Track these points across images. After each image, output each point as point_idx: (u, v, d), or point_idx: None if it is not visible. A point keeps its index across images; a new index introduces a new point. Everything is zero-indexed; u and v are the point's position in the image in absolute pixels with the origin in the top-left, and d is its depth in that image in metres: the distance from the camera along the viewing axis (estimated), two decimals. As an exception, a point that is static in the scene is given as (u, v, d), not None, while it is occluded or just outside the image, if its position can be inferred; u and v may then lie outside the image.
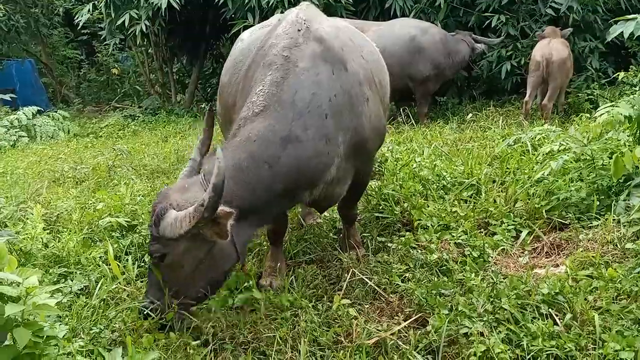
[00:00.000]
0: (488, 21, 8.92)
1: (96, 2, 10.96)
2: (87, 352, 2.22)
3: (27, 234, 3.10)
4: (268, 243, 3.50)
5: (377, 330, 2.65)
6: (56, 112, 11.02)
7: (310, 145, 2.63)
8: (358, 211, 3.63)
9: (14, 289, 1.92)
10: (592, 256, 3.15)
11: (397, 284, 3.09)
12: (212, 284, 2.65)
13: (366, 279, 3.14)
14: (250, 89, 2.75)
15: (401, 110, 8.46)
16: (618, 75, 5.30)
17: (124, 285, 3.11)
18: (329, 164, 2.77)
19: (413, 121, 7.94)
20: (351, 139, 2.84)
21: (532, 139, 5.35)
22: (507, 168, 4.78)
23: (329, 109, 2.69)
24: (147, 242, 2.80)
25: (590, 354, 2.36)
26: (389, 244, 3.68)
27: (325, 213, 4.39)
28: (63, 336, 2.08)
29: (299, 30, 2.82)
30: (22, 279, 1.97)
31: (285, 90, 2.61)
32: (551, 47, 7.38)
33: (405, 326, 2.69)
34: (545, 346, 2.39)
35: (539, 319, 2.59)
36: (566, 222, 3.80)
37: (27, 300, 1.93)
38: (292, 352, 2.50)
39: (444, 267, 3.28)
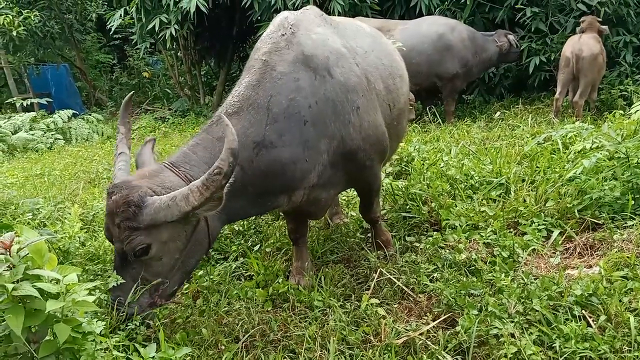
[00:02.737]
0: (515, 17, 8.76)
1: (127, 8, 11.25)
2: (123, 348, 2.29)
3: (65, 233, 3.22)
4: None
5: (406, 330, 2.65)
6: (90, 115, 11.38)
7: (285, 151, 2.58)
8: (379, 213, 3.60)
9: (54, 285, 2.01)
10: (627, 257, 3.07)
11: (426, 284, 3.08)
12: (186, 275, 2.61)
13: (394, 279, 3.15)
14: None
15: (427, 109, 8.40)
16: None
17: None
18: (308, 170, 2.70)
19: (440, 120, 7.89)
20: (337, 147, 2.77)
21: (563, 136, 5.24)
22: (537, 167, 4.70)
23: (309, 116, 2.62)
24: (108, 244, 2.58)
25: (625, 356, 2.31)
26: (417, 244, 3.67)
27: (352, 213, 4.42)
28: (100, 332, 2.15)
29: (282, 35, 2.77)
30: (62, 277, 2.06)
31: (261, 94, 2.57)
32: (582, 42, 7.20)
33: (434, 326, 2.68)
34: (578, 348, 2.35)
35: (571, 321, 2.55)
36: (599, 222, 3.71)
37: (66, 297, 2.01)
38: (321, 351, 2.52)
39: (473, 267, 3.25)
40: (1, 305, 1.91)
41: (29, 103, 11.92)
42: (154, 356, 2.18)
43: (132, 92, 2.96)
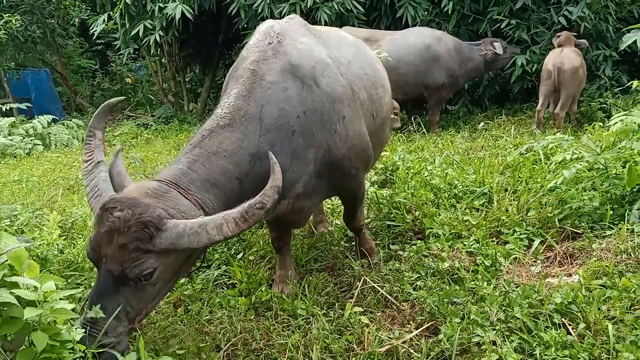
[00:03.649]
0: (500, 28, 8.91)
1: (111, 13, 11.16)
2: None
3: (43, 240, 3.15)
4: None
5: (389, 338, 2.65)
6: (71, 120, 11.21)
7: (279, 161, 2.55)
8: (363, 222, 3.61)
9: (32, 293, 1.96)
10: (606, 265, 3.12)
11: (409, 292, 3.09)
12: (165, 295, 2.45)
13: (378, 287, 3.15)
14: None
15: (412, 118, 8.48)
16: (632, 83, 5.26)
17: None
18: (295, 180, 2.68)
19: (424, 130, 7.96)
20: (323, 156, 2.77)
21: (545, 147, 5.33)
22: (519, 177, 4.77)
23: (297, 126, 2.61)
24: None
25: (604, 364, 2.34)
26: (401, 252, 3.68)
27: (337, 221, 4.42)
28: (79, 340, 2.09)
29: (269, 44, 2.74)
30: (40, 284, 2.01)
31: (252, 104, 2.52)
32: (563, 55, 7.37)
33: (416, 334, 2.69)
34: (558, 355, 2.39)
35: (552, 328, 2.58)
36: (579, 231, 3.78)
37: (44, 304, 1.96)
38: (303, 359, 2.50)
39: (456, 276, 3.28)
40: (-25, 313, 1.86)
41: (8, 108, 11.66)
42: (133, 366, 2.13)
43: (121, 98, 2.84)
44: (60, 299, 2.02)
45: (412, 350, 2.55)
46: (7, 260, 1.98)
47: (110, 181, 2.38)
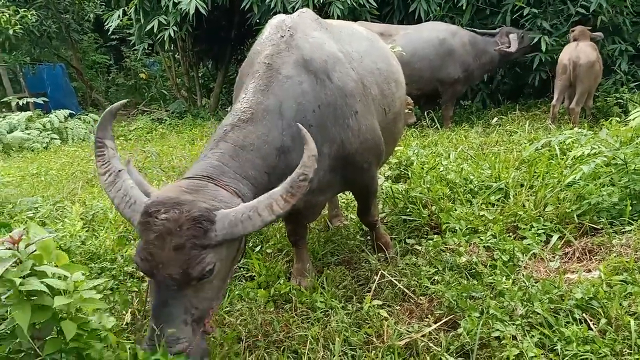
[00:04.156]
0: (517, 20, 8.82)
1: (126, 9, 11.24)
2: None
3: (66, 231, 3.20)
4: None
5: (408, 331, 2.67)
6: (87, 115, 11.32)
7: (297, 156, 2.53)
8: (378, 216, 3.61)
9: (61, 282, 2.00)
10: (626, 261, 3.10)
11: (427, 286, 3.10)
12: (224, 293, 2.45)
13: (395, 281, 3.16)
14: (239, 95, 2.64)
15: (425, 113, 8.45)
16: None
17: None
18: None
19: (438, 125, 7.93)
20: (337, 151, 2.77)
21: (561, 142, 5.29)
22: (536, 172, 4.74)
23: (313, 120, 2.60)
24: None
25: (625, 359, 2.33)
26: (417, 247, 3.69)
27: (352, 215, 4.44)
28: (110, 328, 2.13)
29: (282, 37, 2.73)
30: (70, 274, 2.05)
31: (271, 98, 2.51)
32: (579, 50, 7.28)
33: (435, 328, 2.69)
34: (579, 351, 2.38)
35: (572, 324, 2.57)
36: (598, 227, 3.75)
37: (73, 294, 2.00)
38: (324, 351, 2.53)
39: (473, 271, 3.27)
40: (7, 301, 1.90)
41: (24, 102, 11.85)
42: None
43: (124, 101, 2.63)
44: (88, 288, 2.06)
45: (431, 344, 2.56)
46: (36, 250, 2.03)
47: None
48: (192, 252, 1.97)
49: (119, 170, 2.20)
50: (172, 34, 10.40)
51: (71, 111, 11.08)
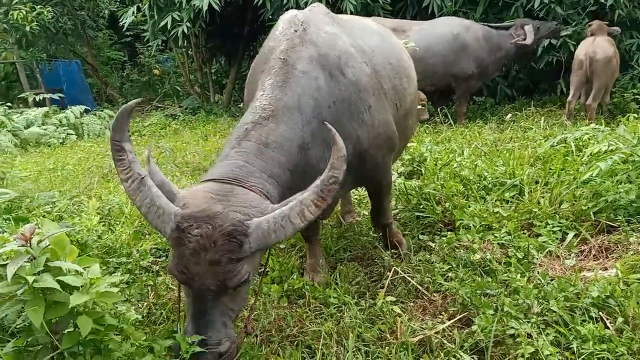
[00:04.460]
0: (530, 11, 8.72)
1: (140, 5, 11.31)
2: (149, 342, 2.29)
3: (83, 225, 3.25)
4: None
5: (421, 328, 2.66)
6: (102, 111, 11.44)
7: (315, 152, 2.53)
8: (391, 218, 3.57)
9: (77, 278, 2.02)
10: (644, 260, 3.06)
11: (440, 283, 3.09)
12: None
13: (408, 278, 3.15)
14: (255, 92, 2.61)
15: (439, 109, 8.40)
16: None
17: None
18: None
19: (451, 121, 7.88)
20: (353, 148, 2.72)
21: (577, 139, 5.22)
22: (551, 169, 4.69)
23: (329, 116, 2.56)
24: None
25: (643, 358, 2.30)
26: (431, 243, 3.68)
27: (364, 211, 4.43)
28: (132, 321, 2.16)
29: (295, 31, 2.70)
30: (84, 269, 2.08)
31: (290, 94, 2.48)
32: (595, 45, 7.17)
33: (449, 325, 2.68)
34: (595, 349, 2.35)
35: (589, 322, 2.55)
36: (615, 224, 3.70)
37: (90, 289, 2.02)
38: (337, 347, 2.53)
39: (488, 268, 3.25)
40: (22, 297, 1.92)
41: (41, 98, 12.01)
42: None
43: (137, 100, 2.50)
44: (105, 283, 2.08)
45: (445, 341, 2.55)
46: (49, 245, 2.04)
47: None
48: (228, 266, 1.97)
49: (142, 177, 2.09)
50: (186, 30, 10.47)
51: (86, 107, 11.20)
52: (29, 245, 1.97)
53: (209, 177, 2.22)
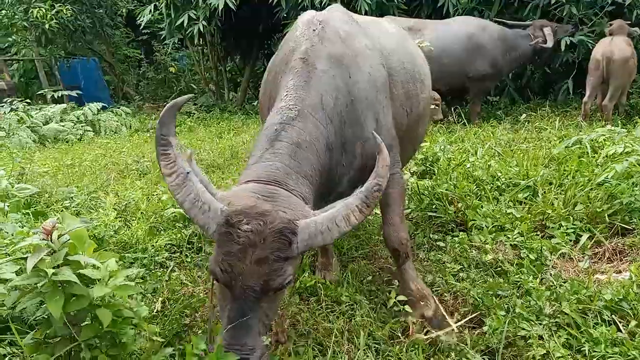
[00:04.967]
0: (547, 12, 8.64)
1: (157, 4, 11.44)
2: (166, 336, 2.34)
3: (101, 221, 3.32)
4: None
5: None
6: (119, 108, 11.60)
7: (336, 155, 2.49)
8: (408, 240, 2.91)
9: (95, 271, 2.07)
10: (659, 263, 3.03)
11: (452, 284, 3.09)
12: None
13: (420, 277, 3.16)
14: (277, 95, 2.57)
15: (452, 109, 8.36)
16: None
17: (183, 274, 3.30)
18: (343, 175, 2.60)
19: (465, 121, 7.84)
20: (369, 149, 2.61)
21: (593, 140, 5.17)
22: (565, 170, 4.65)
23: (347, 116, 2.54)
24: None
25: (655, 362, 2.29)
26: (442, 244, 3.68)
27: (376, 210, 4.44)
28: (143, 317, 2.20)
29: (314, 31, 2.68)
30: (103, 263, 2.13)
31: (312, 93, 2.45)
32: (613, 45, 7.09)
33: (460, 325, 2.69)
34: (607, 352, 2.35)
35: (601, 325, 2.54)
36: (630, 227, 3.67)
37: (108, 282, 2.07)
38: (348, 345, 2.56)
39: (499, 269, 3.25)
40: (42, 289, 1.98)
41: (59, 95, 12.21)
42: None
43: (189, 96, 2.44)
44: (122, 276, 2.13)
45: (456, 341, 2.56)
46: (69, 239, 2.10)
47: None
48: (274, 264, 1.94)
49: (187, 173, 2.04)
50: (201, 29, 10.57)
51: (104, 104, 11.36)
52: (49, 239, 2.03)
53: (247, 178, 2.18)
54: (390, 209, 2.92)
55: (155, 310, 2.75)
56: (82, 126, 9.93)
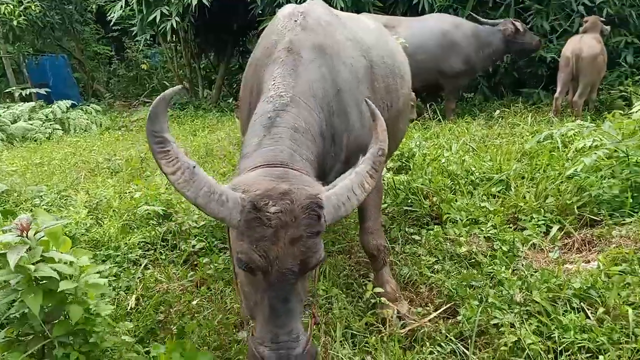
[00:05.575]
0: (519, 14, 8.82)
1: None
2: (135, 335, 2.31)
3: (72, 219, 3.24)
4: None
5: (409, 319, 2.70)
6: (89, 106, 11.35)
7: (327, 143, 2.45)
8: (385, 243, 2.99)
9: (69, 268, 2.04)
10: (626, 252, 3.12)
11: (427, 276, 3.13)
12: None
13: (396, 270, 3.19)
14: (261, 87, 2.51)
15: (428, 106, 8.45)
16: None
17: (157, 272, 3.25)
18: (332, 167, 2.57)
19: (440, 117, 7.93)
20: (354, 141, 2.63)
21: (563, 135, 5.29)
22: (537, 164, 4.75)
23: (335, 106, 2.51)
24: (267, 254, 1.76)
25: (623, 347, 2.36)
26: (418, 237, 3.72)
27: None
28: (108, 315, 2.17)
29: (295, 21, 2.65)
30: (76, 259, 2.09)
31: (301, 81, 2.40)
32: (582, 42, 7.25)
33: (435, 316, 2.73)
34: (577, 339, 2.41)
35: (570, 312, 2.60)
36: (598, 218, 3.77)
37: (80, 279, 2.04)
38: (325, 337, 2.56)
39: (473, 260, 3.31)
40: (18, 286, 1.95)
41: (27, 93, 11.88)
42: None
43: (178, 87, 2.29)
44: (93, 273, 2.10)
45: (431, 331, 2.59)
46: (44, 236, 2.06)
47: None
48: (308, 242, 1.85)
49: (193, 166, 1.89)
50: (175, 25, 10.41)
51: (73, 102, 11.10)
52: (25, 236, 1.99)
53: (251, 165, 2.09)
54: (368, 214, 2.93)
55: (129, 307, 2.71)
56: (51, 124, 9.68)
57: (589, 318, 2.59)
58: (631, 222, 3.57)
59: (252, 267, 1.84)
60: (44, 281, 1.94)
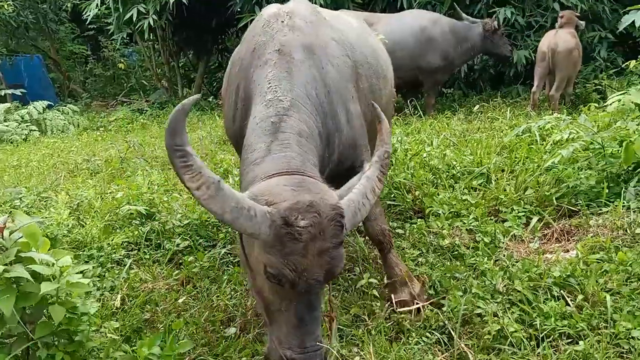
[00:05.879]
0: (495, 12, 8.95)
1: (104, -3, 11.05)
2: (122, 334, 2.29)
3: (53, 220, 3.19)
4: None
5: (394, 311, 2.74)
6: (66, 106, 11.14)
7: (323, 146, 2.45)
8: (387, 228, 3.04)
9: (48, 268, 2.01)
10: (603, 241, 3.21)
11: (412, 268, 3.16)
12: None
13: (380, 262, 3.22)
14: (251, 88, 2.50)
15: (408, 101, 8.52)
16: (629, 63, 5.31)
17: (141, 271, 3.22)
18: (326, 169, 2.53)
19: (420, 112, 8.01)
20: (345, 140, 2.64)
21: (541, 128, 5.40)
22: (516, 157, 4.84)
23: (327, 107, 2.51)
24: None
25: (602, 332, 2.43)
26: (401, 230, 3.76)
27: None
28: (94, 313, 2.15)
29: (282, 22, 2.63)
30: (56, 260, 2.06)
31: (298, 84, 2.39)
32: (558, 37, 7.39)
33: (421, 307, 2.77)
34: (557, 325, 2.48)
35: (551, 300, 2.67)
36: (576, 209, 3.87)
37: (61, 279, 2.01)
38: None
39: (456, 252, 3.36)
40: (-8, 288, 1.91)
41: (1, 94, 11.62)
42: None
43: (197, 97, 2.20)
44: (75, 273, 2.07)
45: (416, 322, 2.63)
46: (21, 237, 2.03)
47: None
48: (333, 252, 1.90)
49: (218, 181, 1.84)
50: (152, 23, 10.28)
51: (49, 102, 10.90)
52: (1, 236, 1.95)
53: (266, 174, 2.07)
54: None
55: (114, 307, 2.68)
56: (27, 126, 9.51)
57: (568, 305, 2.65)
58: (607, 211, 3.66)
59: (281, 280, 1.86)
60: (22, 283, 1.91)
